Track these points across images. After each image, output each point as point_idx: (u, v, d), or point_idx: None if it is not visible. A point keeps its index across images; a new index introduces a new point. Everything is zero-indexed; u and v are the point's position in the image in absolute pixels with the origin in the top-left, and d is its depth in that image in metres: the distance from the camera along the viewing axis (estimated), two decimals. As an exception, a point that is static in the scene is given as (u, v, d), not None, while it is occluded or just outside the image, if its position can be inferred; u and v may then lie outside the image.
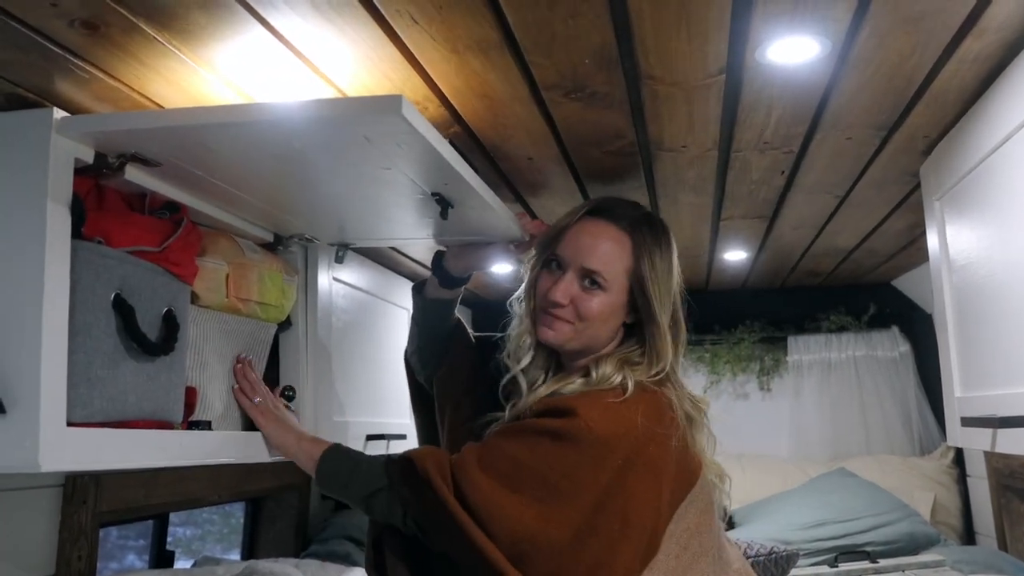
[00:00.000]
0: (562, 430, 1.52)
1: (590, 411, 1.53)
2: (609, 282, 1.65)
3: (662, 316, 1.65)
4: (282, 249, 2.17)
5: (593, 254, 1.66)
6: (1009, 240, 1.68)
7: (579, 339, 1.67)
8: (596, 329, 1.67)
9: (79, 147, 1.46)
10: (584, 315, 1.65)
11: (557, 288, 1.66)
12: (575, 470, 1.50)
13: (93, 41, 1.36)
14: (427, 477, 1.54)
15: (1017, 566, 2.84)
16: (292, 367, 2.20)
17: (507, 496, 1.50)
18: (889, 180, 2.31)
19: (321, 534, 3.45)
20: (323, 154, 1.54)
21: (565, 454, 1.51)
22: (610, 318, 1.67)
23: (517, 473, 1.51)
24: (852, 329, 4.06)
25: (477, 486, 1.51)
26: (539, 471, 1.51)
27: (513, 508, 1.49)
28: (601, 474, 1.50)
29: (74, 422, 1.42)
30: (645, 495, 1.53)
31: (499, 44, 1.45)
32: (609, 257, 1.66)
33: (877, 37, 1.49)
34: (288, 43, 1.43)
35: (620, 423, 1.53)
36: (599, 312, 1.65)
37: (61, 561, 2.16)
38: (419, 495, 1.56)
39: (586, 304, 1.65)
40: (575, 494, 1.49)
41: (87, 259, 1.48)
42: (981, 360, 1.89)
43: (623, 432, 1.52)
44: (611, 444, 1.51)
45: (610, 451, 1.51)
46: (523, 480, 1.51)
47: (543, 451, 1.52)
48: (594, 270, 1.65)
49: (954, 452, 3.68)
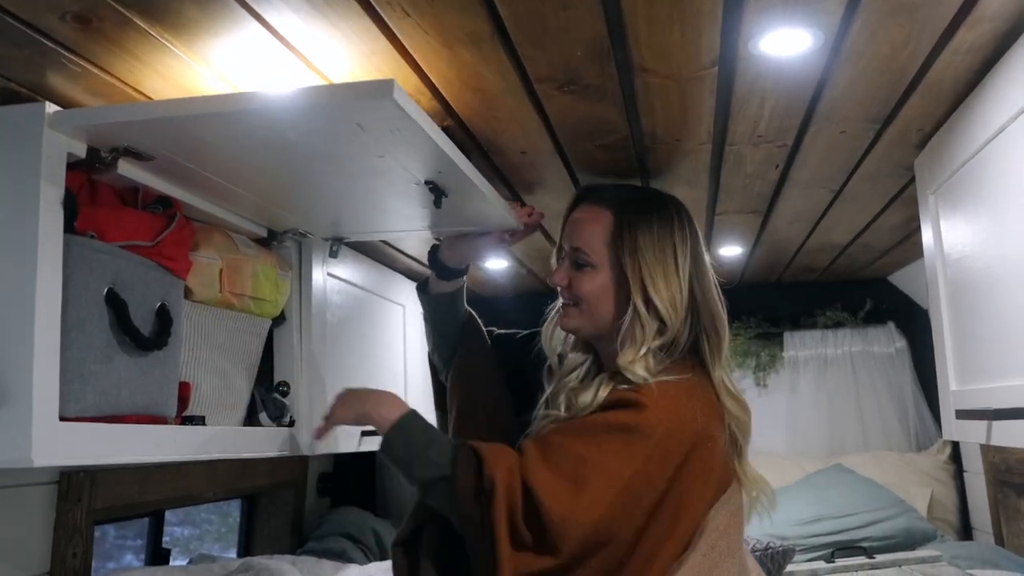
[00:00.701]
0: (631, 425, 1.53)
1: (657, 404, 1.55)
2: (593, 257, 1.72)
3: (652, 291, 1.66)
4: (276, 244, 2.17)
5: (575, 233, 1.77)
6: (1003, 232, 1.68)
7: (587, 323, 1.73)
8: (597, 309, 1.71)
9: (71, 142, 1.46)
10: (577, 295, 1.71)
11: (555, 273, 1.77)
12: (645, 465, 1.50)
13: (86, 35, 1.35)
14: (492, 488, 1.49)
15: (1014, 561, 2.84)
16: (286, 362, 2.20)
17: (576, 494, 1.48)
18: (884, 174, 2.31)
19: (317, 531, 3.45)
20: (316, 143, 1.54)
21: (635, 451, 1.51)
22: (604, 295, 1.71)
23: (584, 470, 1.50)
24: (848, 325, 4.06)
25: (545, 487, 1.48)
26: (610, 469, 1.50)
27: (583, 507, 1.47)
28: (667, 469, 1.52)
29: (67, 417, 1.42)
30: (697, 491, 1.55)
31: (491, 36, 1.45)
32: (589, 234, 1.74)
33: (870, 29, 1.49)
34: (281, 37, 1.42)
35: (683, 418, 1.56)
36: (590, 290, 1.71)
37: (56, 559, 2.15)
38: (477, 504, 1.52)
39: (577, 284, 1.73)
40: (646, 490, 1.50)
41: (80, 254, 1.48)
42: (976, 353, 1.89)
43: (687, 428, 1.55)
44: (676, 438, 1.53)
45: (676, 445, 1.53)
46: (591, 477, 1.49)
47: (613, 448, 1.52)
48: (576, 247, 1.74)
49: (951, 448, 3.68)
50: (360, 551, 3.33)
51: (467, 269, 2.04)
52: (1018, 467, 2.91)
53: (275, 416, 2.14)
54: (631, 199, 1.79)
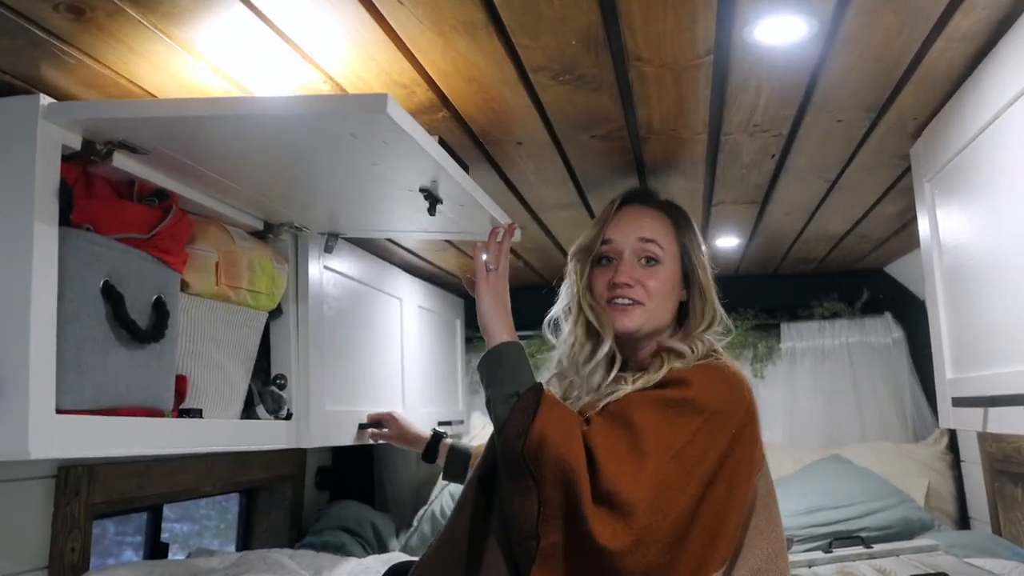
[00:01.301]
0: (682, 399, 1.56)
1: (705, 382, 1.59)
2: (665, 252, 1.76)
3: (708, 284, 1.78)
4: (272, 237, 2.17)
5: (645, 228, 1.77)
6: (998, 220, 1.68)
7: (650, 321, 1.73)
8: (662, 307, 1.74)
9: (66, 134, 1.46)
10: (651, 291, 1.73)
11: (620, 272, 1.74)
12: (696, 437, 1.53)
13: (79, 26, 1.35)
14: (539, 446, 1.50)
15: (1011, 549, 2.85)
16: (283, 355, 2.20)
17: (638, 463, 1.49)
18: (880, 163, 2.31)
19: (316, 525, 3.45)
20: (311, 148, 1.56)
21: (687, 423, 1.53)
22: (672, 293, 1.76)
23: (640, 441, 1.51)
24: (845, 316, 4.06)
25: (607, 453, 1.50)
26: (663, 439, 1.51)
27: (645, 473, 1.48)
28: (719, 442, 1.54)
29: (63, 409, 1.42)
30: (746, 465, 1.58)
31: (485, 25, 1.45)
32: (660, 228, 1.78)
33: (864, 16, 1.49)
34: (274, 26, 1.42)
35: (733, 395, 1.60)
36: (662, 287, 1.74)
37: (54, 553, 2.16)
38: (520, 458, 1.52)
39: (647, 280, 1.73)
40: (697, 461, 1.51)
41: (75, 246, 1.48)
42: (972, 341, 1.89)
43: (736, 404, 1.59)
44: (727, 414, 1.57)
45: (727, 420, 1.56)
46: (646, 444, 1.51)
47: (663, 418, 1.54)
48: (650, 238, 1.75)
49: (948, 438, 3.68)
50: (359, 544, 3.33)
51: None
52: (1015, 456, 2.92)
53: (272, 409, 2.14)
54: (667, 203, 1.86)
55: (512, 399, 1.56)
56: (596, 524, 1.44)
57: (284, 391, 2.17)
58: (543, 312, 1.86)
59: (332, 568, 2.78)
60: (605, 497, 1.46)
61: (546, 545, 1.46)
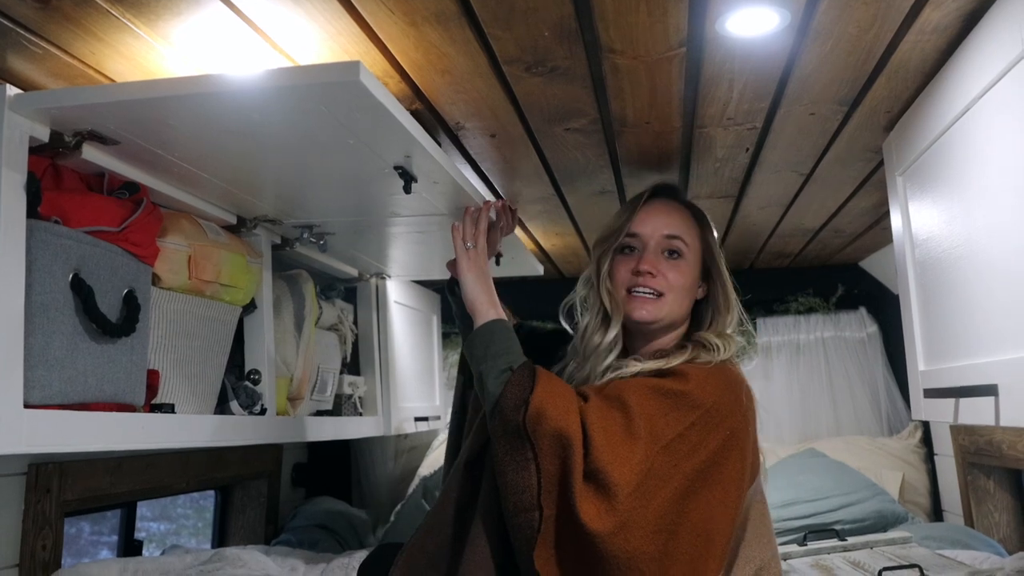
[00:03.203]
0: (679, 392, 1.57)
1: (705, 379, 1.60)
2: (688, 248, 1.78)
3: (728, 282, 1.81)
4: (245, 231, 2.15)
5: (672, 223, 1.79)
6: (968, 212, 1.69)
7: (668, 314, 1.75)
8: (680, 302, 1.76)
9: (34, 125, 1.44)
10: (672, 283, 1.74)
11: (644, 260, 1.76)
12: (688, 431, 1.53)
13: (45, 15, 1.34)
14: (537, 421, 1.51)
15: (982, 540, 2.87)
16: (257, 350, 2.19)
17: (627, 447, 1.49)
18: (853, 156, 2.32)
19: (292, 522, 3.44)
20: (282, 127, 1.53)
21: (680, 416, 1.54)
22: (690, 289, 1.79)
23: (633, 426, 1.52)
24: (820, 311, 4.08)
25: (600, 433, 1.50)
26: (656, 427, 1.52)
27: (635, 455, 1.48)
28: (711, 441, 1.54)
29: (32, 404, 1.41)
30: (738, 471, 1.58)
31: (457, 16, 1.44)
32: (686, 225, 1.81)
33: (836, 7, 1.49)
34: (245, 16, 1.41)
35: (730, 396, 1.60)
36: (684, 281, 1.76)
37: (25, 551, 2.13)
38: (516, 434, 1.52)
39: (672, 273, 1.75)
40: (685, 454, 1.52)
41: (43, 239, 1.46)
42: (943, 333, 1.90)
43: (732, 406, 1.59)
44: (723, 414, 1.57)
45: (721, 420, 1.57)
46: (638, 429, 1.51)
47: (658, 407, 1.55)
48: (675, 235, 1.78)
49: (922, 431, 3.71)
50: (335, 541, 3.32)
51: None
52: (987, 449, 2.94)
53: (246, 405, 2.12)
54: (691, 202, 1.90)
55: (506, 373, 1.57)
56: (582, 502, 1.44)
57: (258, 386, 2.16)
58: (518, 303, 1.86)
59: (308, 564, 2.77)
60: (594, 475, 1.46)
61: (548, 515, 1.47)
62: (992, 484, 3.09)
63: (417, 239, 2.44)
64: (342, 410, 2.80)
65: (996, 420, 1.59)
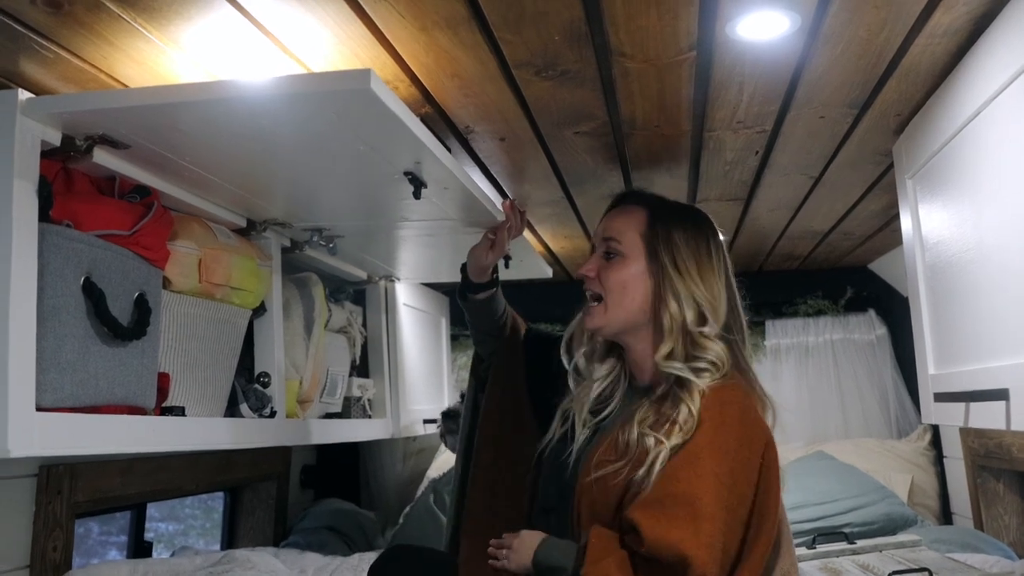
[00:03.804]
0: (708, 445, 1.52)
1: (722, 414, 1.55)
2: (624, 247, 1.69)
3: (687, 278, 1.65)
4: (255, 234, 2.16)
5: (613, 225, 1.74)
6: (979, 215, 1.68)
7: (614, 319, 1.68)
8: (621, 301, 1.68)
9: (46, 129, 1.45)
10: (605, 285, 1.69)
11: (584, 265, 1.74)
12: (732, 480, 1.50)
13: (58, 20, 1.34)
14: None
15: (993, 544, 2.87)
16: (267, 353, 2.19)
17: (696, 534, 1.45)
18: (863, 159, 2.32)
19: (300, 523, 3.44)
20: (292, 133, 1.53)
21: (721, 470, 1.50)
22: (631, 285, 1.68)
23: (693, 508, 1.47)
24: (829, 313, 4.08)
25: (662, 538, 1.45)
26: (711, 497, 1.48)
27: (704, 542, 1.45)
28: (751, 475, 1.53)
29: (44, 407, 1.41)
30: (774, 489, 1.57)
31: (467, 20, 1.44)
32: (623, 225, 1.72)
33: (847, 11, 1.49)
34: (256, 21, 1.41)
35: (751, 422, 1.58)
36: (617, 279, 1.68)
37: (36, 552, 2.14)
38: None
39: (605, 273, 1.70)
40: (740, 502, 1.50)
41: (55, 243, 1.46)
42: (954, 337, 1.90)
43: (757, 432, 1.57)
44: (749, 445, 1.54)
45: (751, 452, 1.54)
46: (702, 511, 1.47)
47: (705, 472, 1.50)
48: (608, 237, 1.72)
49: (931, 434, 3.70)
50: (344, 543, 3.33)
51: (495, 281, 2.03)
52: (997, 452, 2.93)
53: (256, 407, 2.13)
54: (666, 203, 1.78)
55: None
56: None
57: (268, 389, 2.16)
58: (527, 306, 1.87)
59: (317, 566, 2.78)
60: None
61: None
62: (1002, 487, 3.08)
63: (426, 242, 2.44)
64: (351, 412, 2.80)
65: (1007, 424, 1.58)
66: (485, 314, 2.02)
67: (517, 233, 2.02)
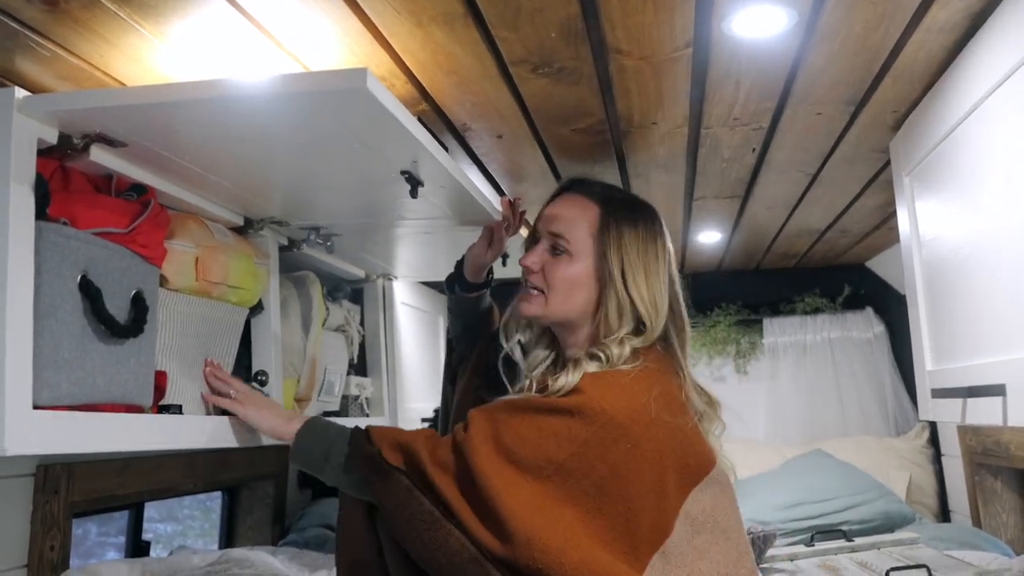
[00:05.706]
0: (572, 408, 1.50)
1: (602, 391, 1.52)
2: (573, 245, 1.64)
3: (631, 286, 1.63)
4: (253, 232, 2.15)
5: (558, 219, 1.68)
6: (976, 211, 1.69)
7: (551, 311, 1.66)
8: (565, 298, 1.65)
9: (42, 127, 1.44)
10: (550, 281, 1.65)
11: (529, 256, 1.68)
12: (582, 449, 1.47)
13: (53, 17, 1.34)
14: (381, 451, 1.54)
15: (990, 541, 2.87)
16: (264, 351, 2.19)
17: (516, 474, 1.46)
18: (860, 156, 2.32)
19: (298, 523, 3.44)
20: (289, 131, 1.53)
21: (574, 434, 1.48)
22: (576, 285, 1.65)
23: (524, 450, 1.48)
24: (827, 311, 4.09)
25: (486, 461, 1.48)
26: (546, 449, 1.48)
27: (524, 486, 1.45)
28: (610, 455, 1.48)
29: (40, 405, 1.40)
30: (648, 477, 1.50)
31: (463, 16, 1.44)
32: (573, 222, 1.66)
33: (843, 7, 1.49)
34: (250, 17, 1.41)
35: (633, 405, 1.51)
36: (563, 277, 1.64)
37: (33, 552, 2.13)
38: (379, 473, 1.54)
39: (551, 269, 1.65)
40: (584, 472, 1.47)
41: (52, 240, 1.46)
42: (951, 332, 1.90)
43: (635, 415, 1.50)
44: (624, 426, 1.49)
45: (622, 433, 1.49)
46: (528, 458, 1.47)
47: (552, 429, 1.49)
48: (557, 233, 1.66)
49: (929, 432, 3.71)
50: (342, 542, 3.32)
51: (489, 282, 2.03)
52: (994, 450, 2.93)
53: (254, 405, 2.12)
54: (617, 198, 1.72)
55: (345, 458, 1.59)
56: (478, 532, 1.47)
57: (265, 387, 2.16)
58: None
59: (315, 566, 2.77)
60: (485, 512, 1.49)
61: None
62: (1000, 485, 3.08)
63: (424, 240, 2.44)
64: (349, 411, 2.80)
65: (1004, 420, 1.58)
66: (468, 308, 2.02)
67: (515, 231, 2.02)
